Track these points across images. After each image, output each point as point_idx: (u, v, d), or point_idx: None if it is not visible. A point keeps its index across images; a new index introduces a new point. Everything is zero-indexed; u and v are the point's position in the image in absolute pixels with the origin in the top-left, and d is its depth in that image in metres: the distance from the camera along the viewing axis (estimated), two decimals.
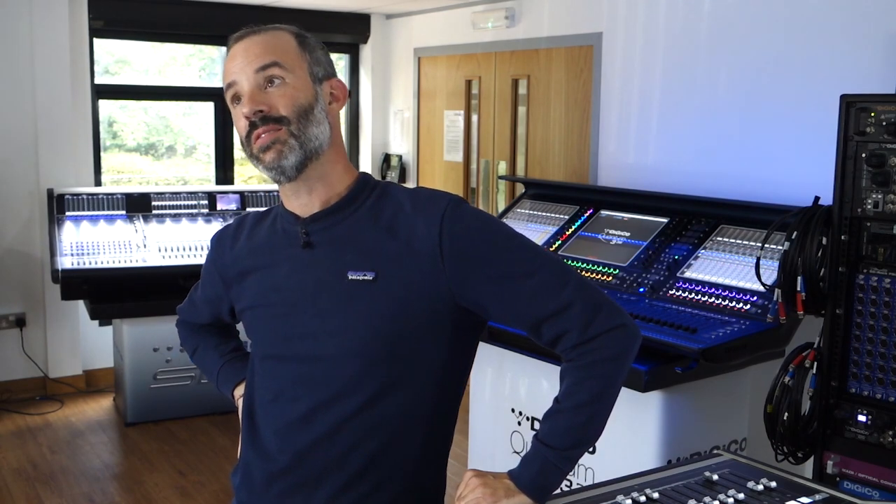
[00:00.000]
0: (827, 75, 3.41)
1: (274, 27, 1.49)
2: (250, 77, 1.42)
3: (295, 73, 1.44)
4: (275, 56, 1.43)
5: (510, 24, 5.03)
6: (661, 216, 3.51)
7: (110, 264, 4.65)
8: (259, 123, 1.41)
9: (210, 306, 1.74)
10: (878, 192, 2.55)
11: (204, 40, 5.92)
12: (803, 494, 1.49)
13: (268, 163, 1.43)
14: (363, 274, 1.43)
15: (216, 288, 1.67)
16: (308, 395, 1.46)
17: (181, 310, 1.85)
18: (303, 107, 1.43)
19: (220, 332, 1.83)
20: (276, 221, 1.57)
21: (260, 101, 1.41)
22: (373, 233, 1.45)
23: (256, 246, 1.57)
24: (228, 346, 1.81)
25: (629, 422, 2.88)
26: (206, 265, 1.71)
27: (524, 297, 1.42)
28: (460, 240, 1.41)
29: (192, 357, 1.86)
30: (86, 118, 5.34)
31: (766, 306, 2.85)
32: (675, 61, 4.07)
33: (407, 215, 1.45)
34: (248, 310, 1.57)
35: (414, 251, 1.42)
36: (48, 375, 5.31)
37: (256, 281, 1.54)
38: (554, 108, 4.82)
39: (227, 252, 1.62)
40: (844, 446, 2.65)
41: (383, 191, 1.51)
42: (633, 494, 1.48)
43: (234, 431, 4.75)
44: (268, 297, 1.52)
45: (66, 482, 4.12)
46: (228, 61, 1.45)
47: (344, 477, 1.45)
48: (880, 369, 2.56)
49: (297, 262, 1.49)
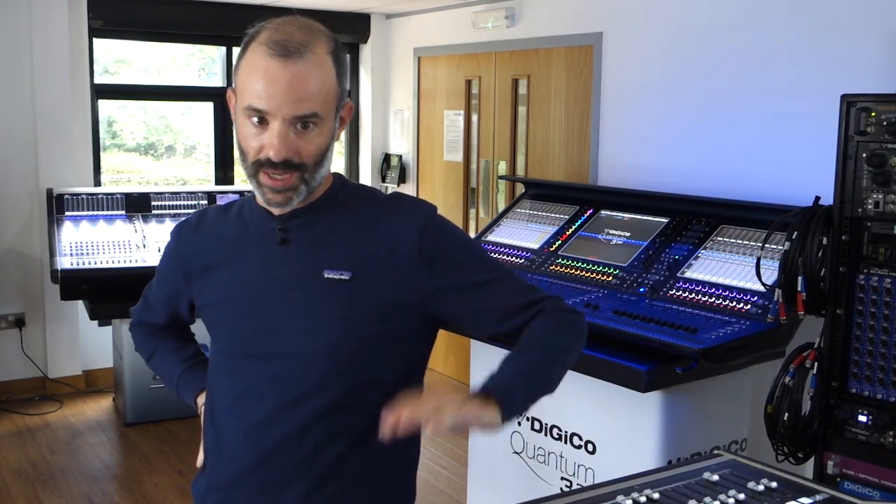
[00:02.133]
0: (827, 75, 3.41)
1: (315, 39, 1.39)
2: (287, 117, 1.36)
3: (326, 119, 1.40)
4: (316, 106, 1.37)
5: (510, 24, 5.03)
6: (662, 216, 3.50)
7: (110, 264, 4.65)
8: (279, 166, 1.38)
9: (168, 304, 1.69)
10: (879, 192, 2.55)
11: (204, 40, 5.92)
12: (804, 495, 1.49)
13: (273, 202, 1.42)
14: (340, 273, 1.42)
15: (176, 283, 1.62)
16: (275, 394, 1.44)
17: (136, 311, 1.79)
18: (322, 153, 1.42)
19: (177, 336, 1.77)
20: (242, 216, 1.54)
21: (291, 147, 1.37)
22: (352, 233, 1.46)
23: (223, 240, 1.53)
24: (188, 350, 1.75)
25: (629, 422, 2.88)
26: (164, 260, 1.66)
27: (497, 297, 1.49)
28: (440, 246, 1.46)
29: (147, 362, 1.79)
30: (85, 118, 5.34)
31: (766, 306, 2.85)
32: (674, 61, 4.07)
33: (388, 218, 1.46)
34: (213, 305, 1.53)
35: (393, 253, 1.43)
36: (47, 376, 5.30)
37: (223, 276, 1.51)
38: (554, 108, 4.82)
39: (188, 245, 1.59)
40: (845, 446, 2.64)
41: (360, 192, 1.52)
42: (633, 495, 1.47)
43: None
44: (236, 292, 1.49)
45: (65, 482, 4.11)
46: (262, 78, 1.36)
47: (311, 479, 1.43)
48: (881, 369, 2.56)
49: (271, 259, 1.47)
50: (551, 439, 3.19)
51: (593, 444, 3.03)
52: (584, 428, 3.07)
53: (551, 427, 3.19)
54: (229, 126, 5.95)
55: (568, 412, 3.12)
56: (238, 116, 1.43)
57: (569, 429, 3.12)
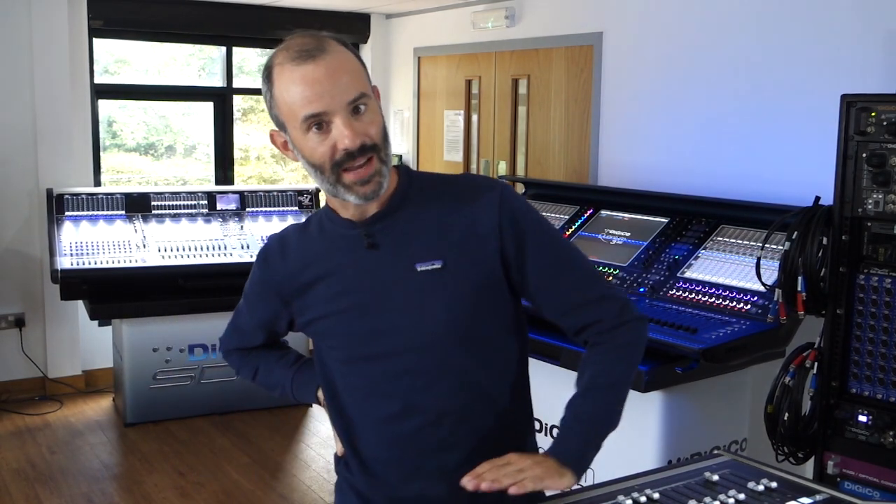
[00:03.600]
0: (827, 75, 3.40)
1: (329, 43, 1.43)
2: (343, 107, 1.39)
3: (372, 97, 1.44)
4: (360, 86, 1.42)
5: (510, 24, 5.03)
6: (662, 216, 3.50)
7: (110, 264, 4.65)
8: (356, 154, 1.40)
9: (264, 328, 1.72)
10: (879, 191, 2.55)
11: (204, 40, 5.91)
12: (804, 495, 1.49)
13: (366, 194, 1.44)
14: (432, 263, 1.48)
15: (272, 307, 1.65)
16: (401, 390, 1.51)
17: (226, 340, 1.81)
18: (384, 128, 1.45)
19: (274, 348, 1.81)
20: (324, 230, 1.57)
21: (360, 131, 1.40)
22: (433, 222, 1.50)
23: (313, 257, 1.57)
24: (289, 357, 1.79)
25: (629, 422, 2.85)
26: (253, 287, 1.68)
27: (566, 285, 1.53)
28: (517, 221, 1.50)
29: (253, 380, 1.82)
30: (85, 118, 5.34)
31: (766, 306, 2.85)
32: (674, 61, 4.07)
33: (465, 201, 1.50)
34: (319, 319, 1.57)
35: (477, 235, 1.49)
36: (47, 376, 5.30)
37: (322, 290, 1.55)
38: (554, 108, 4.82)
39: (278, 269, 1.61)
40: (845, 446, 2.64)
41: (428, 180, 1.56)
42: (634, 495, 1.47)
43: (233, 432, 4.75)
44: (338, 303, 1.53)
45: (65, 482, 4.11)
46: (303, 86, 1.39)
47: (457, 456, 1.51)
48: (881, 369, 2.56)
49: (363, 264, 1.51)
50: (551, 439, 3.18)
51: None
52: None
53: (551, 427, 3.18)
54: (229, 126, 5.96)
55: None
56: (298, 140, 1.44)
57: None
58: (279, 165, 6.66)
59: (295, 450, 4.54)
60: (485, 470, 1.41)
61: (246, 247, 5.01)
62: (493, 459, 1.44)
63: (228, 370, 5.27)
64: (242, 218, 5.28)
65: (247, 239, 5.09)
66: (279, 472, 4.27)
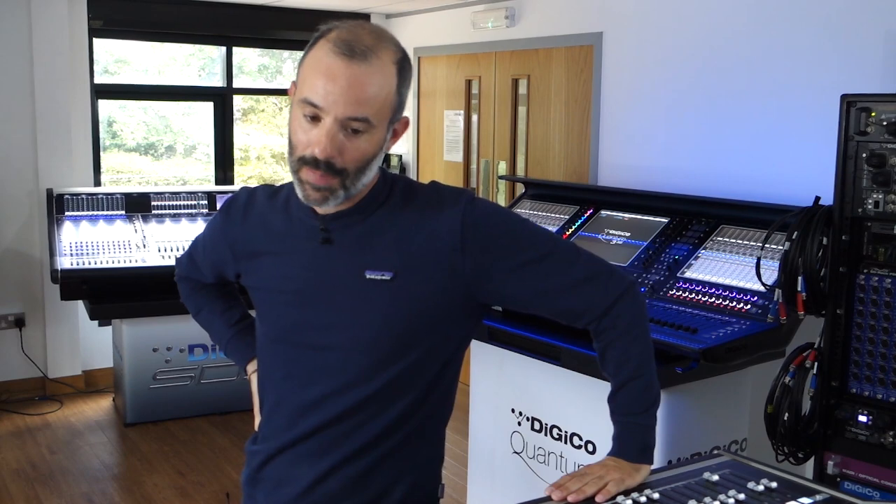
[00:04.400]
0: (827, 75, 3.40)
1: (382, 46, 1.41)
2: (338, 116, 1.38)
3: (378, 127, 1.42)
4: (369, 111, 1.39)
5: (510, 24, 5.03)
6: (662, 216, 3.50)
7: (110, 264, 4.65)
8: (320, 165, 1.39)
9: (214, 269, 1.75)
10: (879, 192, 2.55)
11: (204, 40, 5.91)
12: (804, 495, 1.49)
13: (310, 198, 1.43)
14: (381, 274, 1.46)
15: (222, 255, 1.69)
16: (320, 383, 1.50)
17: (180, 263, 1.86)
18: (367, 160, 1.42)
19: (224, 294, 1.85)
20: (289, 205, 1.56)
21: (335, 149, 1.38)
22: (393, 232, 1.48)
23: (270, 230, 1.57)
24: (235, 313, 1.84)
25: None
26: (213, 229, 1.71)
27: (543, 280, 1.50)
28: (481, 234, 1.46)
29: (194, 316, 1.88)
30: (85, 118, 5.34)
31: (766, 306, 2.85)
32: (674, 61, 4.07)
33: (428, 214, 1.48)
34: (258, 290, 1.59)
35: (434, 249, 1.46)
36: (47, 376, 5.30)
37: (269, 265, 1.56)
38: (554, 108, 4.82)
39: (237, 225, 1.63)
40: (845, 447, 2.64)
41: (401, 187, 1.53)
42: (633, 494, 1.47)
43: (233, 432, 4.75)
44: (281, 283, 1.53)
45: (65, 482, 4.11)
46: (323, 75, 1.38)
47: (348, 451, 1.50)
48: (881, 369, 2.56)
49: (314, 256, 1.51)
50: (551, 439, 3.19)
51: (593, 444, 3.03)
52: (584, 428, 3.07)
53: (551, 427, 3.18)
54: (229, 126, 5.96)
55: (568, 412, 3.12)
56: (294, 108, 1.44)
57: (569, 429, 3.12)
58: (279, 165, 6.66)
59: None
60: (567, 481, 1.47)
61: None
62: (573, 472, 1.50)
63: (228, 370, 5.30)
64: None
65: None
66: None
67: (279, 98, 6.52)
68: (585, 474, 1.49)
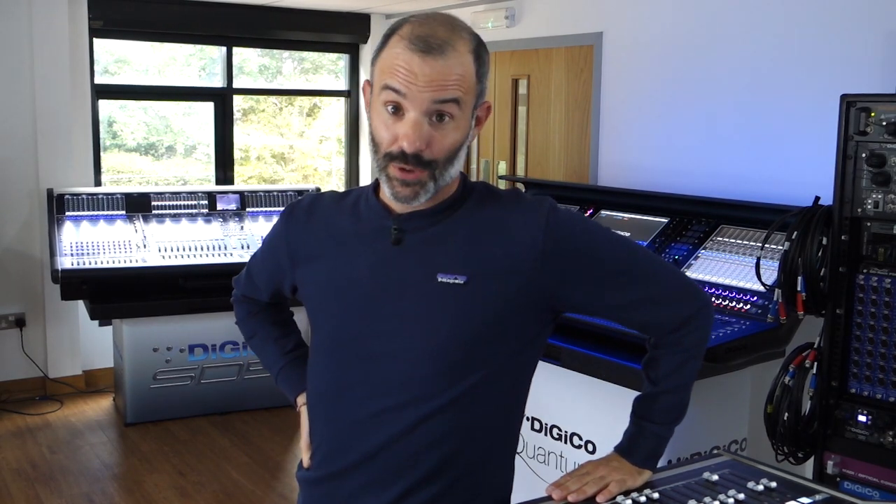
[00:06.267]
0: (827, 75, 3.41)
1: (457, 36, 1.38)
2: (424, 104, 1.33)
3: (464, 111, 1.38)
4: (457, 92, 1.35)
5: (510, 24, 5.03)
6: (662, 216, 3.50)
7: (110, 264, 4.65)
8: (409, 159, 1.34)
9: (271, 280, 1.65)
10: (879, 192, 2.55)
11: (204, 40, 5.91)
12: (803, 495, 1.49)
13: (400, 195, 1.38)
14: (454, 277, 1.39)
15: (281, 262, 1.58)
16: (379, 396, 1.42)
17: (238, 281, 1.77)
18: (455, 149, 1.38)
19: (279, 322, 1.76)
20: (357, 207, 1.50)
21: (423, 140, 1.34)
22: (469, 236, 1.42)
23: (335, 231, 1.49)
24: (289, 341, 1.74)
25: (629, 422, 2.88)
26: (272, 236, 1.62)
27: (620, 293, 1.46)
28: (563, 243, 1.41)
29: (248, 341, 1.79)
30: (86, 118, 5.34)
31: (766, 306, 2.85)
32: (674, 61, 4.07)
33: (507, 219, 1.42)
34: (316, 298, 1.50)
35: (513, 255, 1.39)
36: (48, 375, 5.30)
37: (331, 268, 1.47)
38: (554, 108, 4.82)
39: (299, 228, 1.54)
40: (845, 446, 2.64)
41: (480, 191, 1.47)
42: (633, 494, 1.47)
43: (233, 432, 4.76)
44: (342, 287, 1.45)
45: (65, 482, 4.11)
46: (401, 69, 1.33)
47: (413, 479, 1.42)
48: (881, 369, 2.56)
49: (383, 257, 1.43)
50: (551, 439, 3.19)
51: (593, 444, 3.03)
52: (584, 428, 3.07)
53: (551, 427, 3.19)
54: (229, 126, 5.96)
55: (568, 412, 3.12)
56: (374, 106, 1.39)
57: (569, 429, 3.12)
58: (279, 165, 6.66)
59: (295, 450, 4.53)
60: (567, 480, 1.46)
61: (246, 247, 5.01)
62: (573, 471, 1.50)
63: (228, 370, 5.30)
64: (243, 218, 5.29)
65: (247, 239, 5.09)
66: (279, 472, 4.27)
67: (279, 98, 6.52)
68: (586, 473, 1.48)
